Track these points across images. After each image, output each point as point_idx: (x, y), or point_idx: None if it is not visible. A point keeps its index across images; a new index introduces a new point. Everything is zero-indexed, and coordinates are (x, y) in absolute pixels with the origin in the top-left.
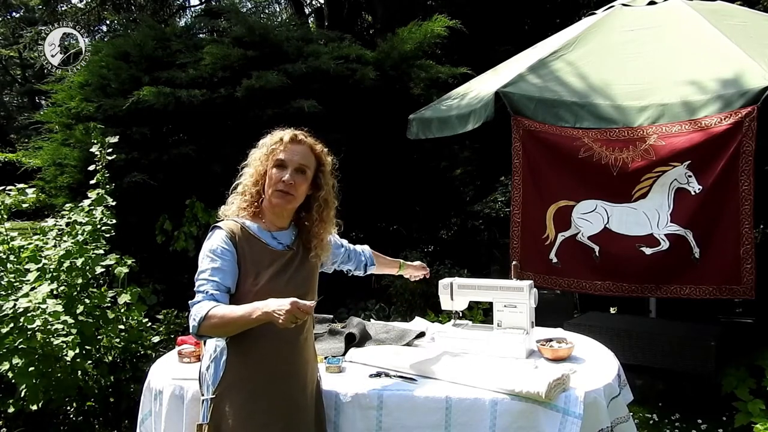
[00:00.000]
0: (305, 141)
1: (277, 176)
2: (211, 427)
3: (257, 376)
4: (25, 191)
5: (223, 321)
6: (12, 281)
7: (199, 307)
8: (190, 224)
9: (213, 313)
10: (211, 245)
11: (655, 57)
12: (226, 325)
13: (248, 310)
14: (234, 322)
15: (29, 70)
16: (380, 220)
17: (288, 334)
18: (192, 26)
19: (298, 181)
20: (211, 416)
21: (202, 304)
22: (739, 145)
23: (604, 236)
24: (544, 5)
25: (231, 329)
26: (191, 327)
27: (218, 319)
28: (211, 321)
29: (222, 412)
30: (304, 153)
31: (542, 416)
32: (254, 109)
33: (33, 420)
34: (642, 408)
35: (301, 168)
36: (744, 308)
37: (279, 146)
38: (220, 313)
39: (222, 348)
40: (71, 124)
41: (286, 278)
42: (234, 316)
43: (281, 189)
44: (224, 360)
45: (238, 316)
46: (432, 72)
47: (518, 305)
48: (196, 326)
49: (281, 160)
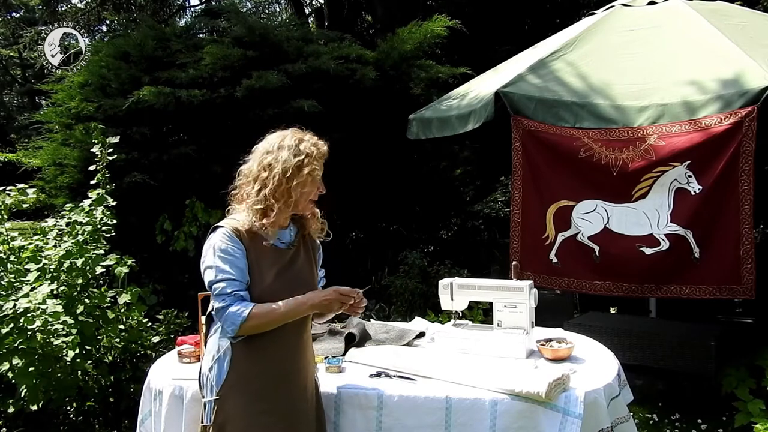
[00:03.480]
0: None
1: (317, 189)
2: (215, 428)
3: (261, 377)
4: (25, 191)
5: (268, 320)
6: (12, 281)
7: (235, 309)
8: (190, 224)
9: (255, 312)
10: (220, 245)
11: (655, 57)
12: (269, 324)
13: (293, 306)
14: (277, 320)
15: (29, 70)
16: (380, 220)
17: (290, 336)
18: (192, 26)
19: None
20: (215, 417)
21: (237, 306)
22: (739, 145)
23: (604, 236)
24: (544, 5)
25: (272, 326)
26: (227, 331)
27: (260, 319)
28: (251, 322)
29: (226, 413)
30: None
31: (542, 416)
32: (254, 109)
33: (33, 420)
34: (642, 408)
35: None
36: (744, 308)
37: (321, 165)
38: (263, 311)
39: (226, 349)
40: (71, 124)
41: (291, 276)
42: (279, 313)
43: (315, 199)
44: (228, 361)
45: (283, 312)
46: (432, 72)
47: (518, 305)
48: (237, 328)
49: (319, 176)
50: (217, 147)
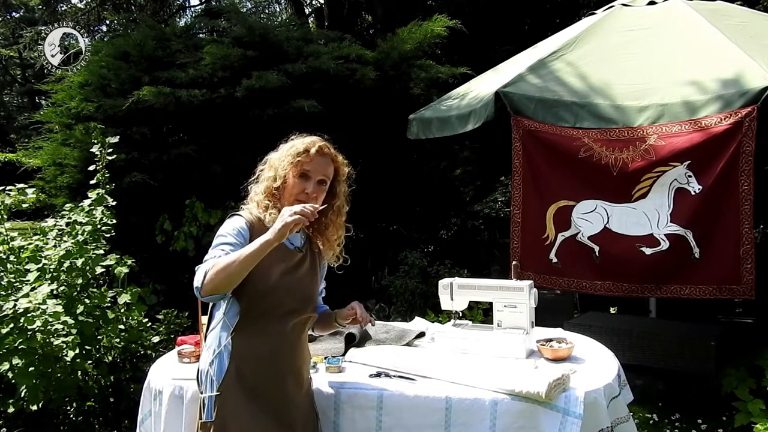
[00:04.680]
0: (329, 153)
1: (300, 187)
2: (217, 424)
3: (259, 374)
4: (25, 191)
5: (230, 259)
6: (12, 281)
7: (204, 264)
8: (190, 224)
9: (217, 260)
10: (229, 226)
11: (655, 57)
12: (232, 263)
13: (253, 244)
14: (239, 257)
15: (29, 70)
16: (380, 220)
17: (290, 334)
18: (192, 26)
19: (318, 193)
20: (216, 413)
21: (209, 261)
22: (739, 145)
23: (604, 236)
24: (544, 5)
25: (237, 268)
26: (196, 285)
27: (224, 261)
28: (216, 267)
29: (227, 409)
30: (326, 164)
31: (542, 416)
32: (254, 109)
33: (33, 420)
34: (642, 408)
35: (323, 180)
36: (744, 308)
37: (306, 158)
38: (224, 257)
39: (226, 344)
40: (71, 124)
41: (296, 279)
42: (240, 251)
43: (302, 200)
44: (228, 355)
45: (244, 250)
46: (432, 72)
47: (518, 305)
48: (202, 277)
49: (306, 171)
50: (217, 147)
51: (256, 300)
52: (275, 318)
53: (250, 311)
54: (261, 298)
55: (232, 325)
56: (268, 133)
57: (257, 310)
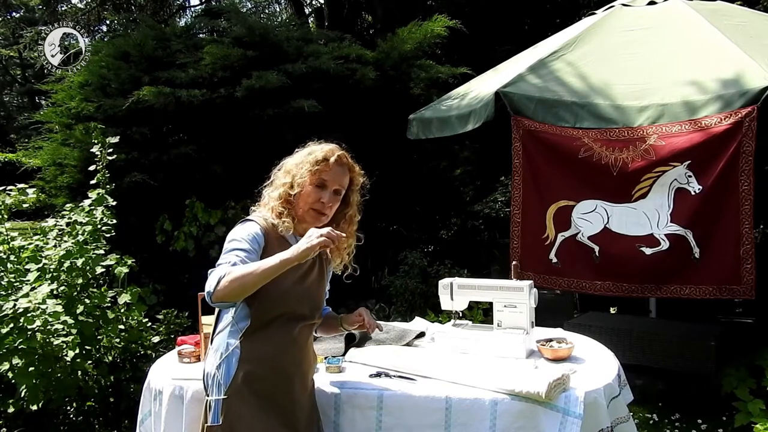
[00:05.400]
0: (347, 162)
1: (316, 195)
2: (225, 427)
3: (268, 377)
4: (25, 191)
5: (246, 270)
6: (12, 281)
7: (219, 269)
8: (190, 224)
9: (233, 269)
10: (245, 231)
11: (655, 57)
12: (248, 275)
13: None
14: (256, 270)
15: (29, 70)
16: (380, 220)
17: (297, 338)
18: (192, 26)
19: (333, 202)
20: (223, 417)
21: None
22: (739, 145)
23: (604, 236)
24: (544, 5)
25: (252, 280)
26: (208, 290)
27: (240, 271)
28: (231, 276)
29: (235, 413)
30: (344, 174)
31: (542, 416)
32: (254, 109)
33: (33, 420)
34: (642, 408)
35: (338, 190)
36: (744, 308)
37: (325, 167)
38: (241, 266)
39: (235, 347)
40: (71, 124)
41: (306, 286)
42: (258, 263)
43: (317, 209)
44: (236, 359)
45: (262, 263)
46: (432, 72)
47: (518, 305)
48: (215, 283)
49: (324, 180)
50: (217, 147)
51: (266, 306)
52: (284, 323)
53: (260, 316)
54: (272, 304)
55: (241, 330)
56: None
57: (267, 315)
